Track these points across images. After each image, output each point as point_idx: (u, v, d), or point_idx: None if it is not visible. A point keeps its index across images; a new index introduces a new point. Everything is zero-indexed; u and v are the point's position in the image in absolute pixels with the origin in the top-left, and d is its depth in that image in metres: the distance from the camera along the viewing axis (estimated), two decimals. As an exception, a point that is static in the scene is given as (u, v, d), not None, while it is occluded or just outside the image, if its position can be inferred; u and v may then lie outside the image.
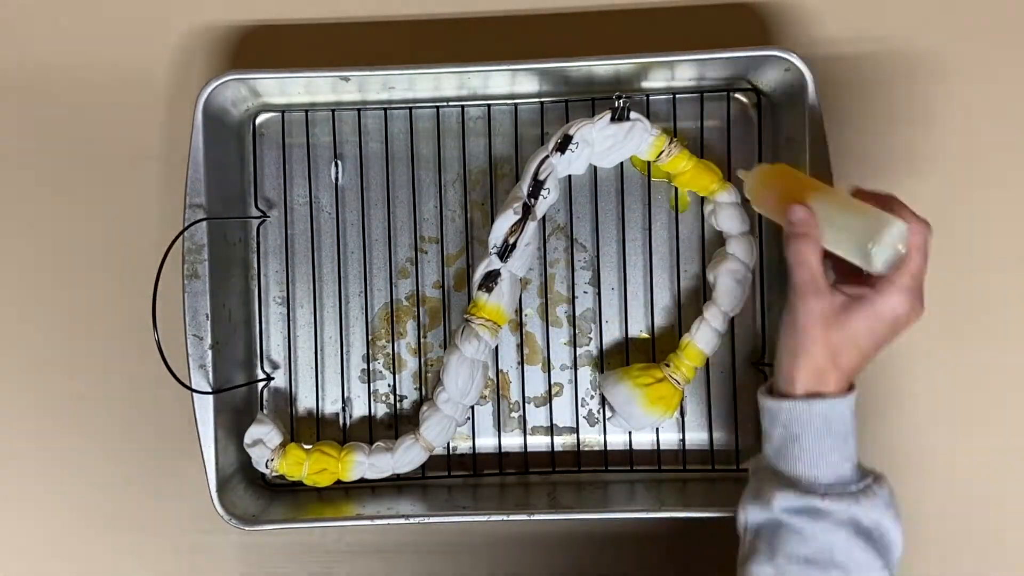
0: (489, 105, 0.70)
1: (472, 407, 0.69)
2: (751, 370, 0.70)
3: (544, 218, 0.68)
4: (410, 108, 0.70)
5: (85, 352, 0.71)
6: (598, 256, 0.70)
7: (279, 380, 0.71)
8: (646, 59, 0.65)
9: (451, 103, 0.70)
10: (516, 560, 0.70)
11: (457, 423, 0.67)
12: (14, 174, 0.72)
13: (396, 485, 0.70)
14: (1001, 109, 0.71)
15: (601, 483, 0.70)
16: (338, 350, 0.70)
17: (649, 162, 0.68)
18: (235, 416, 0.67)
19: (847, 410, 0.54)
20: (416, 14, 0.72)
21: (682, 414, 0.70)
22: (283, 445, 0.67)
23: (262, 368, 0.71)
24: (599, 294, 0.70)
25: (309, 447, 0.67)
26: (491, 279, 0.65)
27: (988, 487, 0.70)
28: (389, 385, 0.70)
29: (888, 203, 0.54)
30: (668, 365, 0.67)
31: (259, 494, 0.69)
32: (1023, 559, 0.70)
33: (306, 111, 0.70)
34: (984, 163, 0.70)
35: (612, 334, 0.70)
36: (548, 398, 0.70)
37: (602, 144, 0.65)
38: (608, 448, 0.70)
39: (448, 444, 0.70)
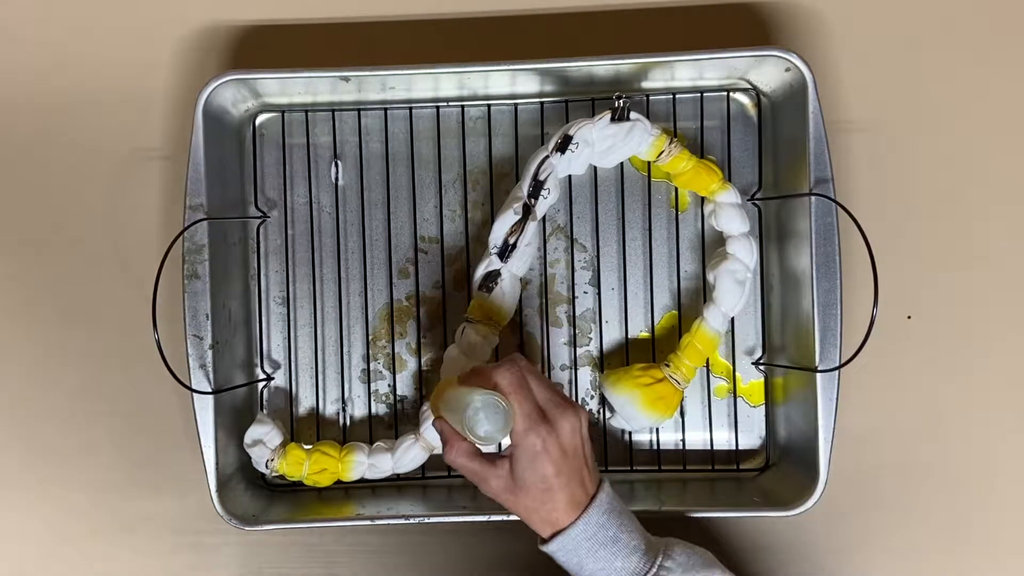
0: (489, 105, 0.70)
1: (472, 407, 0.69)
2: (751, 370, 0.70)
3: (544, 218, 0.68)
4: (410, 108, 0.70)
5: (85, 352, 0.71)
6: (598, 256, 0.70)
7: (279, 380, 0.71)
8: (646, 59, 0.65)
9: (451, 103, 0.70)
10: (516, 560, 0.70)
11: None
12: (14, 174, 0.72)
13: (396, 485, 0.70)
14: (1001, 108, 0.71)
15: (601, 483, 0.70)
16: (338, 350, 0.70)
17: (649, 162, 0.68)
18: (235, 416, 0.67)
19: (590, 527, 0.56)
20: (416, 14, 0.72)
21: (682, 414, 0.70)
22: (283, 445, 0.67)
23: (262, 368, 0.71)
24: (599, 294, 0.70)
25: (309, 447, 0.67)
26: (491, 279, 0.65)
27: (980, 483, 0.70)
28: (389, 385, 0.70)
29: (479, 376, 0.57)
30: (668, 365, 0.67)
31: (259, 494, 0.69)
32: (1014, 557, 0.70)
33: (306, 111, 0.70)
34: (987, 162, 0.70)
35: (612, 334, 0.70)
36: (548, 398, 0.70)
37: (602, 144, 0.65)
38: (608, 448, 0.70)
39: (448, 444, 0.70)
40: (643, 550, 0.56)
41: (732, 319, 0.68)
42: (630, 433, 0.70)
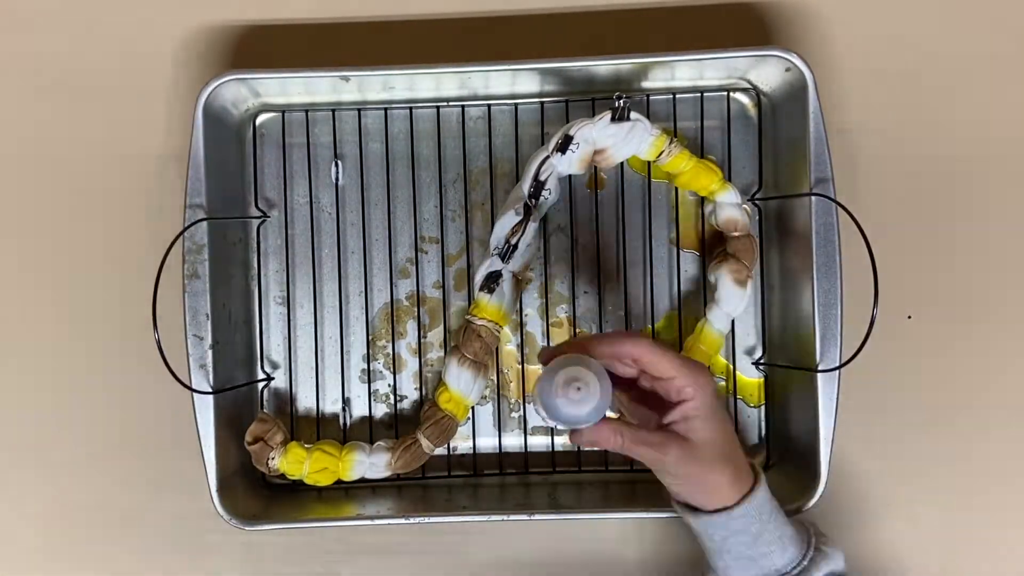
0: (489, 105, 0.70)
1: (472, 407, 0.69)
2: (751, 370, 0.70)
3: (544, 218, 0.68)
4: (410, 108, 0.70)
5: (85, 352, 0.71)
6: (598, 256, 0.70)
7: (279, 380, 0.71)
8: (646, 59, 0.65)
9: (451, 103, 0.70)
10: (516, 560, 0.70)
11: (457, 423, 0.67)
12: (14, 174, 0.72)
13: (396, 485, 0.70)
14: (1002, 107, 0.71)
15: (601, 483, 0.70)
16: (338, 350, 0.70)
17: (649, 162, 0.68)
18: (235, 416, 0.67)
19: (751, 511, 0.56)
20: (416, 14, 0.72)
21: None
22: (284, 443, 0.67)
23: (262, 368, 0.71)
24: (599, 294, 0.70)
25: (310, 446, 0.67)
26: (493, 280, 0.65)
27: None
28: (389, 385, 0.70)
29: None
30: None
31: (259, 494, 0.69)
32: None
33: (306, 111, 0.70)
34: (987, 162, 0.70)
35: (612, 334, 0.70)
36: (548, 398, 0.70)
37: (602, 144, 0.65)
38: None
39: (448, 444, 0.70)
40: (797, 543, 0.58)
41: (732, 319, 0.68)
42: (630, 433, 0.70)
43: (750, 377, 0.70)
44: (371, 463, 0.66)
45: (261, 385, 0.70)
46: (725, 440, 0.56)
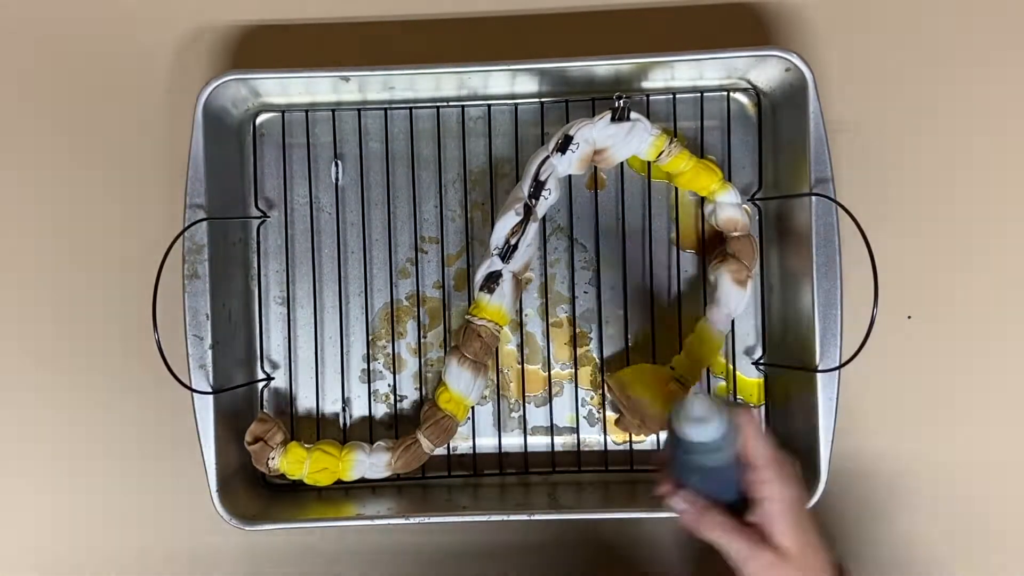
0: (489, 105, 0.70)
1: (472, 407, 0.69)
2: (751, 370, 0.70)
3: (544, 218, 0.68)
4: (410, 108, 0.70)
5: (85, 352, 0.71)
6: (598, 256, 0.70)
7: (279, 380, 0.71)
8: (646, 59, 0.65)
9: (451, 103, 0.70)
10: (516, 560, 0.70)
11: (457, 423, 0.67)
12: (15, 175, 0.72)
13: (396, 485, 0.70)
14: (1002, 107, 0.71)
15: (601, 483, 0.70)
16: (338, 350, 0.70)
17: (649, 162, 0.68)
18: (235, 416, 0.67)
19: None
20: (416, 14, 0.72)
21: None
22: (284, 444, 0.67)
23: (262, 368, 0.71)
24: (599, 294, 0.70)
25: (310, 446, 0.67)
26: (493, 280, 0.65)
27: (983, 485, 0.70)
28: (389, 385, 0.70)
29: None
30: (673, 368, 0.66)
31: (259, 494, 0.69)
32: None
33: (306, 111, 0.70)
34: (986, 162, 0.70)
35: (612, 334, 0.70)
36: (548, 398, 0.70)
37: (602, 144, 0.65)
38: (608, 448, 0.70)
39: (448, 444, 0.70)
40: None
41: (732, 319, 0.68)
42: (630, 432, 0.70)
43: (750, 377, 0.70)
44: (371, 463, 0.66)
45: (261, 385, 0.70)
46: (809, 550, 0.53)
